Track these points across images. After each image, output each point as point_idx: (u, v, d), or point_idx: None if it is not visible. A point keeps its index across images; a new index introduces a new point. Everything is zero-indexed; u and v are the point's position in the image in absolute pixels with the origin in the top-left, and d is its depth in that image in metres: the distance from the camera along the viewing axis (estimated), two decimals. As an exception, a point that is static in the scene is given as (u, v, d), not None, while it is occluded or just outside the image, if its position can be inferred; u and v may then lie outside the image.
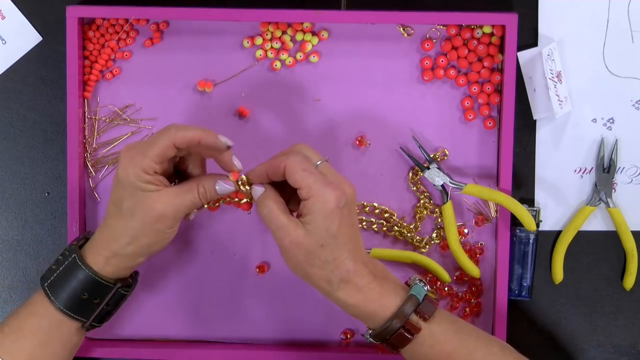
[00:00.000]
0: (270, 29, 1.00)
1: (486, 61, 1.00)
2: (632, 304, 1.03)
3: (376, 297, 0.85)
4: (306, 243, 0.83)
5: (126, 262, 0.89)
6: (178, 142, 0.85)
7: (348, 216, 0.84)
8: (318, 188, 0.82)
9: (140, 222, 0.86)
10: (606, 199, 1.01)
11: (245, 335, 1.04)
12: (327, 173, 0.85)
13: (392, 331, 0.85)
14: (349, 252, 0.84)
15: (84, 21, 1.01)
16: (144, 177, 0.85)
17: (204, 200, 0.87)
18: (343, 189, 0.83)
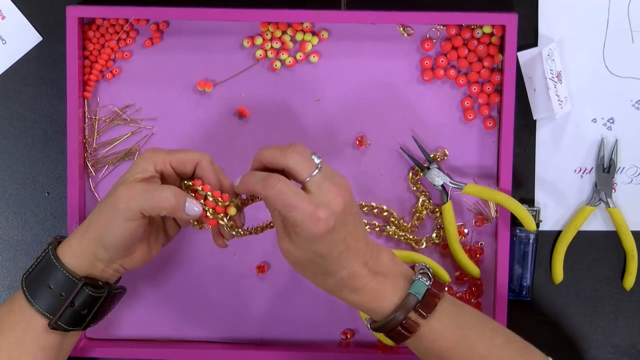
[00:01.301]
0: (270, 29, 1.00)
1: (486, 61, 1.00)
2: (632, 304, 1.03)
3: (373, 297, 0.85)
4: (296, 255, 0.83)
5: (88, 250, 0.85)
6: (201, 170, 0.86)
7: (341, 228, 0.82)
8: (303, 220, 0.80)
9: (107, 203, 0.85)
10: (606, 199, 1.01)
11: (245, 335, 1.04)
12: (318, 188, 0.81)
13: (389, 328, 0.85)
14: (341, 262, 0.83)
15: (84, 21, 1.01)
16: (147, 167, 0.85)
17: (168, 206, 0.83)
18: (332, 208, 0.81)
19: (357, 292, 0.85)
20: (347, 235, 0.83)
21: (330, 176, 0.82)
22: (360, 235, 0.85)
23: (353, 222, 0.84)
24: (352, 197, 0.84)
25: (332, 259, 0.83)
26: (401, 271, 0.87)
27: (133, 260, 0.89)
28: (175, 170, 0.87)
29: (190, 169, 0.87)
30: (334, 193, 0.81)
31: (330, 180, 0.82)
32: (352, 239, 0.84)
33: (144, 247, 0.89)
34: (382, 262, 0.86)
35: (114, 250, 0.86)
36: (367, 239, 0.86)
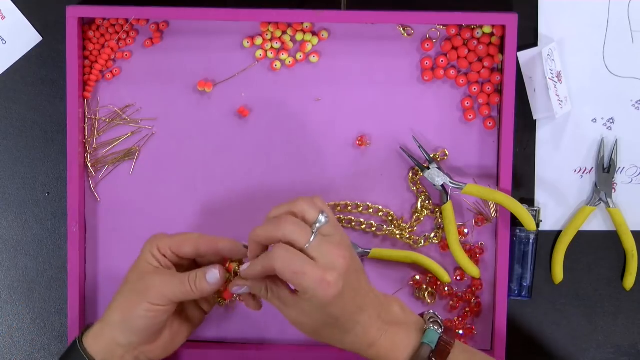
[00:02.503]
0: (270, 29, 1.00)
1: (486, 61, 1.00)
2: (632, 304, 1.03)
3: (389, 349, 0.85)
4: (309, 323, 0.84)
5: (110, 336, 0.87)
6: (198, 245, 0.88)
7: (348, 287, 0.82)
8: (314, 287, 0.80)
9: (130, 288, 0.88)
10: (606, 199, 1.01)
11: (245, 336, 1.04)
12: (319, 252, 0.81)
13: None
14: (354, 320, 0.84)
15: (84, 21, 1.01)
16: (154, 252, 0.88)
17: (195, 289, 0.86)
18: (338, 270, 0.81)
19: (374, 347, 0.85)
20: (356, 293, 0.84)
21: (328, 238, 0.82)
22: (367, 289, 0.85)
23: (357, 279, 0.84)
24: (353, 253, 0.84)
25: (346, 319, 0.83)
26: (412, 320, 0.87)
27: (155, 349, 0.90)
28: (176, 254, 0.89)
29: (189, 251, 0.89)
30: (336, 254, 0.82)
31: (328, 242, 0.82)
32: (361, 295, 0.84)
33: (166, 336, 0.90)
34: (393, 312, 0.86)
35: (136, 335, 0.87)
36: (374, 292, 0.86)
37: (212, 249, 0.89)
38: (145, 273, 0.88)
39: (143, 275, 0.88)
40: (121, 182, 1.03)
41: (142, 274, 0.88)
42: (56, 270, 1.05)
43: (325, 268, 0.81)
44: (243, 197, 1.02)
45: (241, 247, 0.88)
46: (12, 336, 1.06)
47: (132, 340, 0.88)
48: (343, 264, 0.82)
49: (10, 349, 1.06)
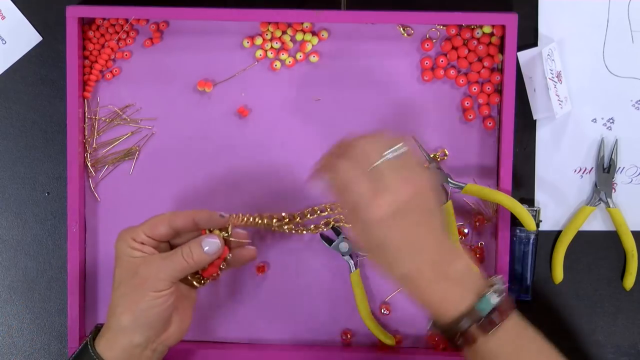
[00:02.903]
0: (270, 29, 1.00)
1: (486, 61, 1.00)
2: (632, 304, 1.03)
3: (437, 302, 0.82)
4: (361, 241, 0.83)
5: (124, 341, 0.87)
6: (173, 221, 0.87)
7: (402, 221, 0.80)
8: (361, 203, 0.80)
9: (125, 287, 0.87)
10: (606, 199, 1.01)
11: (245, 335, 1.04)
12: (381, 176, 0.81)
13: (447, 335, 0.83)
14: (401, 257, 0.81)
15: (84, 21, 1.01)
16: (131, 244, 0.87)
17: (191, 262, 0.87)
18: (394, 197, 0.80)
19: (421, 293, 0.82)
20: (410, 231, 0.81)
21: (397, 168, 0.82)
22: (431, 235, 0.83)
23: (420, 219, 0.82)
24: (426, 194, 0.82)
25: (391, 250, 0.81)
26: (474, 282, 0.83)
27: (171, 336, 0.89)
28: (152, 238, 0.88)
29: (164, 231, 0.88)
30: (398, 184, 0.81)
31: (396, 171, 0.81)
32: (417, 235, 0.82)
33: (177, 319, 0.90)
34: (455, 269, 0.83)
35: (151, 328, 0.87)
36: (441, 241, 0.83)
37: (188, 222, 0.88)
38: (134, 267, 0.87)
39: (133, 269, 0.87)
40: (121, 182, 1.03)
41: (131, 270, 0.87)
42: (56, 270, 1.05)
43: (378, 190, 0.80)
44: (243, 197, 1.02)
45: (217, 216, 0.88)
46: (12, 336, 1.06)
47: (149, 335, 0.87)
48: (401, 193, 0.80)
49: (10, 349, 1.06)
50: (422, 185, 0.82)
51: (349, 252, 1.01)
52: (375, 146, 0.82)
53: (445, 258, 0.83)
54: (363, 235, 0.82)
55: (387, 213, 0.80)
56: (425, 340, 1.03)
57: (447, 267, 0.83)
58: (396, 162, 0.82)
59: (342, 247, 1.01)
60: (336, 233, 1.01)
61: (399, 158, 0.82)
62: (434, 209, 0.84)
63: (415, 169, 0.83)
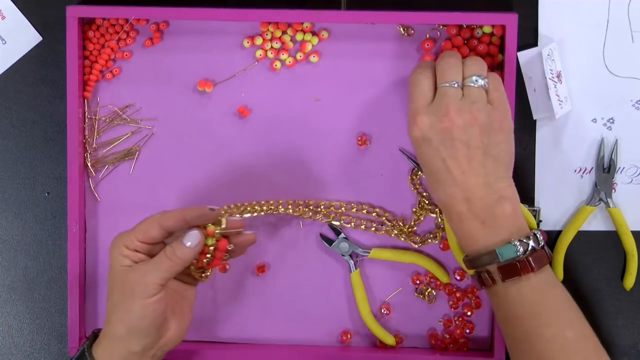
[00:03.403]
0: (270, 29, 1.00)
1: (486, 61, 1.00)
2: (632, 304, 1.03)
3: (465, 236, 0.87)
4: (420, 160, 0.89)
5: (122, 350, 0.87)
6: (163, 221, 0.86)
7: (440, 146, 0.85)
8: (409, 116, 0.87)
9: (118, 295, 0.86)
10: (606, 199, 1.01)
11: (245, 335, 1.04)
12: (439, 99, 0.86)
13: (470, 268, 0.88)
14: (437, 182, 0.87)
15: (84, 21, 1.01)
16: (123, 251, 0.87)
17: (176, 259, 0.86)
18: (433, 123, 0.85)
19: (451, 223, 0.88)
20: (449, 159, 0.85)
21: (466, 98, 0.86)
22: (474, 171, 0.85)
23: (467, 152, 0.85)
24: (478, 132, 0.85)
25: (428, 171, 0.87)
26: (508, 228, 0.86)
27: (169, 340, 0.89)
28: (145, 242, 0.87)
29: (157, 233, 0.87)
30: (447, 114, 0.85)
31: (457, 102, 0.86)
32: (458, 166, 0.85)
33: (174, 321, 0.90)
34: (494, 212, 0.86)
35: (147, 335, 0.86)
36: (487, 182, 0.86)
37: (179, 221, 0.87)
38: (123, 275, 0.86)
39: (122, 278, 0.86)
40: (121, 182, 1.03)
41: (121, 278, 0.87)
42: (56, 270, 1.05)
43: (427, 111, 0.85)
44: (243, 196, 1.02)
45: (208, 210, 0.87)
46: (12, 336, 1.06)
47: (145, 342, 0.87)
48: (446, 123, 0.85)
49: (10, 349, 1.06)
50: (480, 121, 0.85)
51: (349, 252, 1.01)
52: (458, 68, 0.87)
53: (485, 200, 0.85)
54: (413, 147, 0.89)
55: (423, 134, 0.85)
56: (425, 340, 1.03)
57: (483, 208, 0.85)
58: (469, 90, 0.86)
59: (342, 247, 1.01)
60: (336, 233, 1.02)
61: (474, 88, 0.86)
62: (490, 148, 0.86)
63: (482, 106, 0.86)
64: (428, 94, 0.88)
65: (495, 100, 0.88)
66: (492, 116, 0.87)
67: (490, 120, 0.86)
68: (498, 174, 0.87)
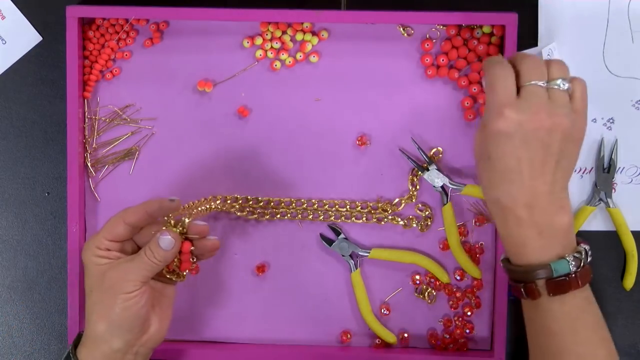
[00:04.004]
0: (270, 29, 1.00)
1: (486, 61, 1.00)
2: (632, 304, 1.03)
3: (517, 244, 0.84)
4: (476, 146, 0.85)
5: (104, 348, 0.86)
6: (127, 218, 0.87)
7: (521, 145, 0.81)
8: (491, 108, 0.82)
9: (97, 294, 0.86)
10: (606, 199, 1.01)
11: (245, 335, 1.04)
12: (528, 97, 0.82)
13: (514, 278, 0.85)
14: (503, 181, 0.82)
15: (84, 21, 1.01)
16: (96, 252, 0.87)
17: (155, 260, 0.86)
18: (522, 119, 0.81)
19: (506, 227, 0.84)
20: (525, 160, 0.82)
21: (551, 99, 0.83)
22: (543, 178, 0.83)
23: (541, 156, 0.82)
24: (559, 137, 0.82)
25: (495, 169, 0.83)
26: (562, 242, 0.84)
27: (151, 337, 0.89)
28: (114, 240, 0.88)
29: (123, 231, 0.88)
30: (538, 112, 0.82)
31: (547, 103, 0.82)
32: (530, 169, 0.82)
33: (155, 319, 0.89)
34: (552, 223, 0.84)
35: (128, 331, 0.86)
36: (552, 190, 0.83)
37: (140, 215, 0.87)
38: (102, 274, 0.86)
39: (101, 277, 0.86)
40: (121, 182, 1.03)
41: (99, 277, 0.87)
42: (56, 270, 1.05)
43: (515, 107, 0.81)
44: (243, 196, 1.02)
45: (168, 202, 0.88)
46: (12, 336, 1.06)
47: (128, 339, 0.87)
48: (535, 122, 0.81)
49: (10, 349, 1.06)
50: (563, 127, 0.82)
51: (349, 252, 1.01)
52: (544, 69, 0.83)
53: (546, 206, 0.83)
54: (480, 140, 0.84)
55: (508, 129, 0.81)
56: (425, 340, 1.03)
57: (543, 216, 0.83)
58: (555, 93, 0.83)
59: (342, 247, 1.01)
60: (336, 233, 1.02)
61: (559, 91, 0.83)
62: (563, 157, 0.83)
63: (568, 112, 0.83)
64: (512, 90, 0.82)
65: (580, 109, 0.85)
66: (576, 124, 0.84)
67: (573, 129, 0.83)
68: (562, 184, 0.84)
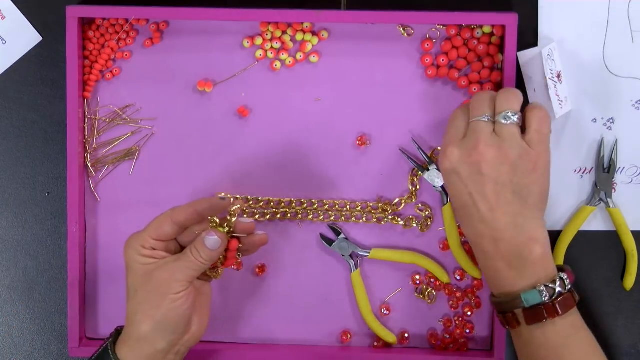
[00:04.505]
0: (270, 29, 1.00)
1: (486, 61, 1.00)
2: (632, 304, 1.03)
3: (492, 275, 0.86)
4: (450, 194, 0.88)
5: (148, 348, 0.87)
6: (175, 217, 0.87)
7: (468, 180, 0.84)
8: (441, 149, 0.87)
9: (143, 295, 0.86)
10: (606, 199, 1.01)
11: (244, 335, 1.04)
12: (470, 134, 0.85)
13: (496, 308, 0.88)
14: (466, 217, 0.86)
15: (84, 21, 1.01)
16: (141, 252, 0.87)
17: (202, 260, 0.86)
18: (460, 157, 0.84)
19: (479, 260, 0.88)
20: (476, 193, 0.84)
21: (497, 135, 0.85)
22: (504, 210, 0.84)
23: (495, 189, 0.84)
24: (507, 169, 0.84)
25: (457, 205, 0.87)
26: (536, 272, 0.85)
27: (193, 334, 0.90)
28: (160, 239, 0.88)
29: (170, 230, 0.88)
30: (476, 148, 0.84)
31: (488, 137, 0.84)
32: (485, 203, 0.84)
33: (196, 317, 0.90)
34: (521, 254, 0.84)
35: (173, 331, 0.87)
36: (518, 224, 0.84)
37: (190, 214, 0.87)
38: (148, 273, 0.87)
39: (147, 276, 0.87)
40: (121, 182, 1.03)
41: (145, 277, 0.87)
42: (56, 270, 1.05)
43: (457, 144, 0.85)
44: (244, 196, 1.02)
45: (218, 200, 0.87)
46: (12, 336, 1.06)
47: (172, 339, 0.87)
48: (474, 158, 0.84)
49: (10, 349, 1.06)
50: (510, 159, 0.83)
51: (349, 252, 1.01)
52: (490, 102, 0.86)
53: (511, 238, 0.84)
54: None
55: (452, 166, 0.85)
56: (425, 340, 1.03)
57: (509, 247, 0.84)
58: (499, 126, 0.84)
59: (342, 247, 1.01)
60: (336, 233, 1.02)
61: (504, 125, 0.84)
62: (521, 188, 0.84)
63: (514, 144, 0.84)
64: (461, 130, 0.87)
65: (534, 141, 0.85)
66: (525, 156, 0.84)
67: (522, 160, 0.84)
68: (528, 215, 0.85)
